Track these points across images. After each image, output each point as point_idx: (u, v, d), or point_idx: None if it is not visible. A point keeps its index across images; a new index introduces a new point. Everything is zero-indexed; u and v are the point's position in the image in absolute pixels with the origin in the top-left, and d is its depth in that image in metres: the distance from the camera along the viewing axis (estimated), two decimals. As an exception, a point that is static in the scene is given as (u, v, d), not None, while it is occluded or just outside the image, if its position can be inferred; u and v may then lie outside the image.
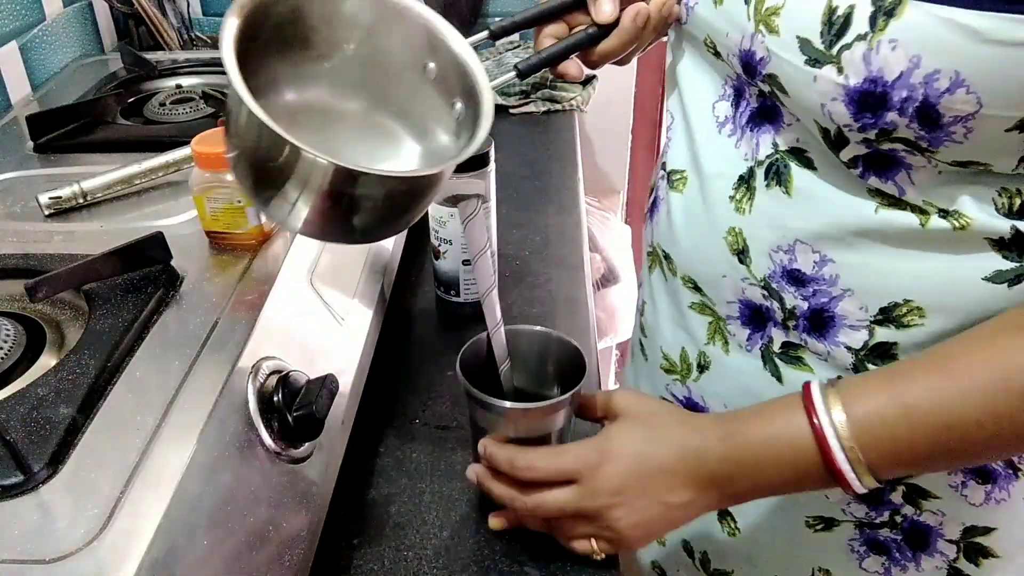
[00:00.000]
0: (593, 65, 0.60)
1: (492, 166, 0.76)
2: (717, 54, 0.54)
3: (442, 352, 0.77)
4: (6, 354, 0.51)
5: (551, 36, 0.58)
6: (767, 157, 0.52)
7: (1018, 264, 0.47)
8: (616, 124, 1.62)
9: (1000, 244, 0.47)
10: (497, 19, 1.37)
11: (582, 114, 1.28)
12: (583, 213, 1.01)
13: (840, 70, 0.44)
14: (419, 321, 0.82)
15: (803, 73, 0.46)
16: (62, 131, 0.79)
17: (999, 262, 0.48)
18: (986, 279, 0.48)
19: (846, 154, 0.47)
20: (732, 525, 0.65)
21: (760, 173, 0.53)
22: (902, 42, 0.41)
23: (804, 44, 0.45)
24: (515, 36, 1.39)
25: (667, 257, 0.63)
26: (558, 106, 1.27)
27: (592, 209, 1.50)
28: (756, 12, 0.48)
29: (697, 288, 0.60)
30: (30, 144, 0.78)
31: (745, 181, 0.54)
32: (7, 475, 0.40)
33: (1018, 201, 0.46)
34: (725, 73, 0.55)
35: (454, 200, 0.76)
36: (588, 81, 1.31)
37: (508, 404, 0.55)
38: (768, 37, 0.47)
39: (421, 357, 0.77)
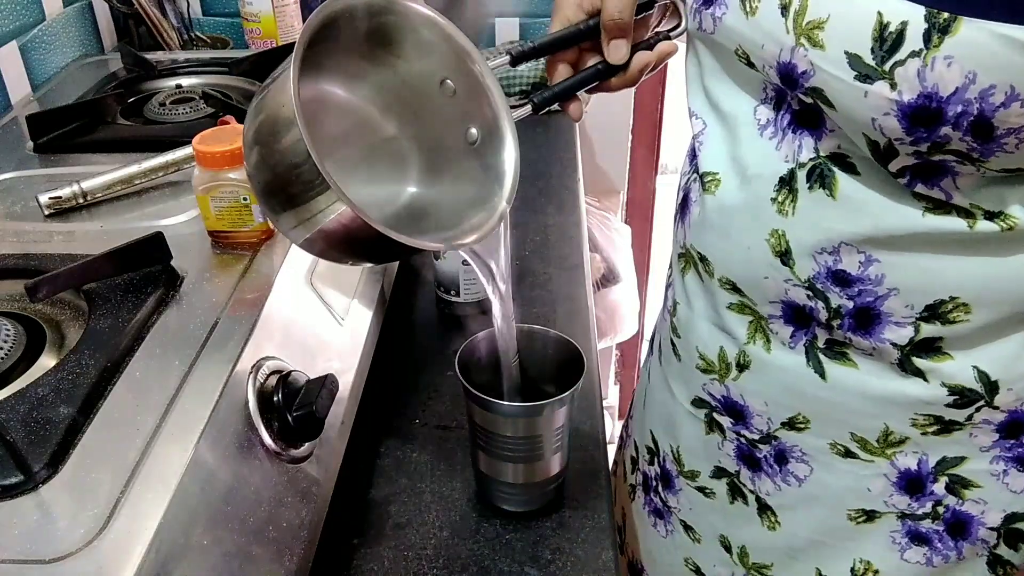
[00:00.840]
0: (593, 91, 0.61)
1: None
2: (751, 64, 0.53)
3: (442, 352, 0.77)
4: (6, 354, 0.51)
5: (564, 64, 0.59)
6: (809, 160, 0.52)
7: None
8: (616, 124, 1.62)
9: None
10: (498, 18, 1.37)
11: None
12: (583, 213, 1.01)
13: (893, 86, 0.44)
14: (419, 321, 0.82)
15: (853, 88, 0.45)
16: (62, 131, 0.79)
17: None
18: None
19: (894, 165, 0.47)
20: (772, 519, 0.66)
21: (802, 175, 0.53)
22: (957, 58, 0.41)
23: (854, 60, 0.45)
24: (515, 36, 1.39)
25: (702, 259, 0.62)
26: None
27: (592, 209, 1.50)
28: (796, 25, 0.47)
29: (736, 289, 0.60)
30: (30, 144, 0.78)
31: (786, 183, 0.54)
32: (7, 475, 0.40)
33: None
34: (762, 79, 0.54)
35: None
36: (588, 81, 1.31)
37: (507, 404, 0.55)
38: (812, 51, 0.47)
39: (421, 357, 0.77)
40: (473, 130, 0.53)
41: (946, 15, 0.41)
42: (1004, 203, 0.47)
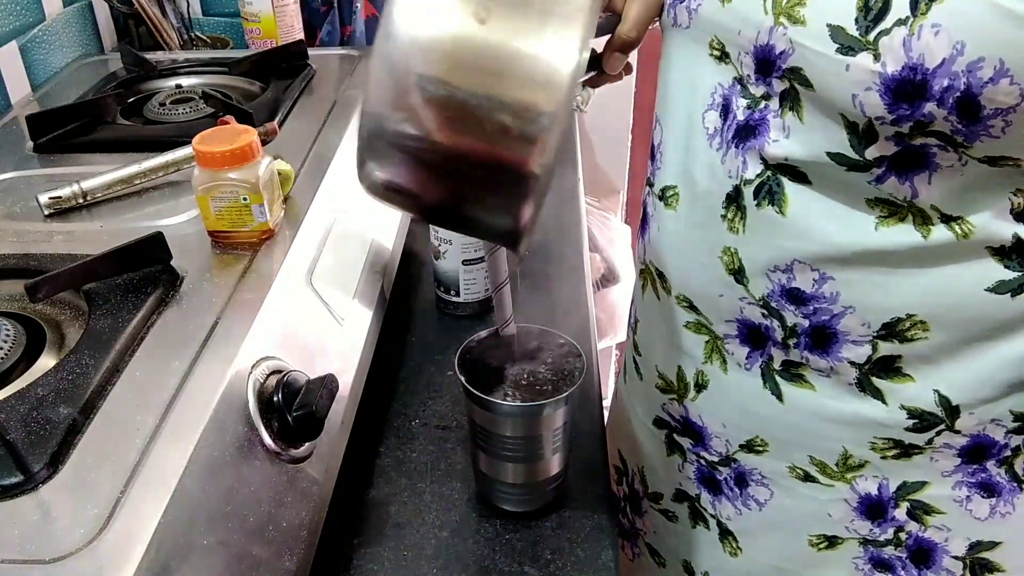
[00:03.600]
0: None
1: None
2: (723, 56, 0.52)
3: (442, 352, 0.77)
4: (6, 354, 0.50)
5: None
6: (756, 176, 0.51)
7: (1020, 273, 0.47)
8: (616, 124, 1.62)
9: (1001, 253, 0.47)
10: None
11: (582, 114, 1.28)
12: (583, 213, 1.01)
13: (877, 57, 0.42)
14: (419, 321, 0.82)
15: (834, 62, 0.43)
16: (62, 131, 0.79)
17: (1001, 272, 0.47)
18: (989, 290, 0.48)
19: (872, 152, 0.45)
20: (733, 545, 0.65)
21: (748, 192, 0.52)
22: (945, 27, 0.39)
23: (836, 32, 0.43)
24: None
25: (660, 275, 0.62)
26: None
27: (592, 209, 1.50)
28: (775, 4, 0.46)
29: (693, 307, 0.59)
30: (30, 144, 0.78)
31: (733, 200, 0.53)
32: (7, 475, 0.40)
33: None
34: (717, 81, 0.53)
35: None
36: (588, 81, 1.30)
37: (507, 403, 0.55)
38: (792, 28, 0.45)
39: (421, 357, 0.77)
40: None
41: None
42: (966, 208, 0.46)
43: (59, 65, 1.01)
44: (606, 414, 0.74)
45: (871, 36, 0.42)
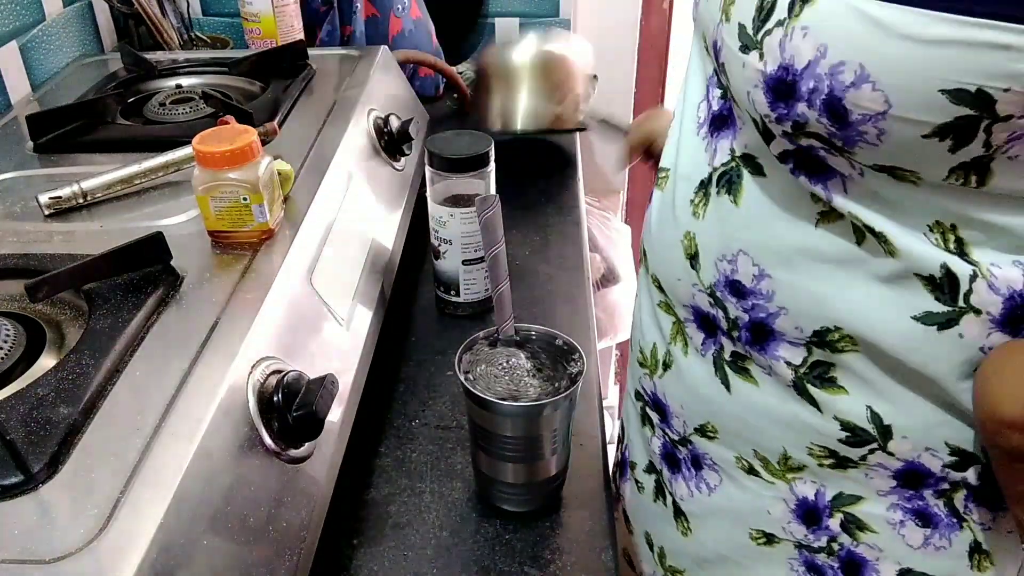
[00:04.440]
0: None
1: (492, 166, 0.76)
2: (707, 48, 0.54)
3: (442, 352, 0.77)
4: (6, 354, 0.50)
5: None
6: (723, 164, 0.52)
7: (950, 308, 0.45)
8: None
9: (931, 283, 0.45)
10: (497, 18, 1.37)
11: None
12: (583, 213, 1.01)
13: (761, 56, 0.43)
14: (419, 321, 0.82)
15: (737, 59, 0.45)
16: (62, 131, 0.79)
17: (931, 303, 0.46)
18: (915, 318, 0.46)
19: (775, 148, 0.47)
20: (685, 525, 0.66)
21: (715, 180, 0.53)
22: (812, 30, 0.40)
23: (741, 30, 0.45)
24: (515, 37, 1.39)
25: (644, 255, 0.64)
26: (558, 106, 1.27)
27: (592, 209, 1.50)
28: (723, 3, 0.48)
29: (661, 288, 0.61)
30: (30, 144, 0.78)
31: (704, 186, 0.54)
32: (7, 475, 0.40)
33: (952, 237, 0.44)
34: (707, 72, 0.55)
35: (455, 200, 0.76)
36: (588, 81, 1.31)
37: (507, 403, 0.55)
38: (724, 25, 0.47)
39: (421, 357, 0.77)
40: None
41: None
42: (885, 225, 0.45)
43: (59, 65, 1.01)
44: (606, 414, 0.75)
45: (759, 36, 0.43)
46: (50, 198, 0.65)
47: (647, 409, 0.67)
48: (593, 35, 1.45)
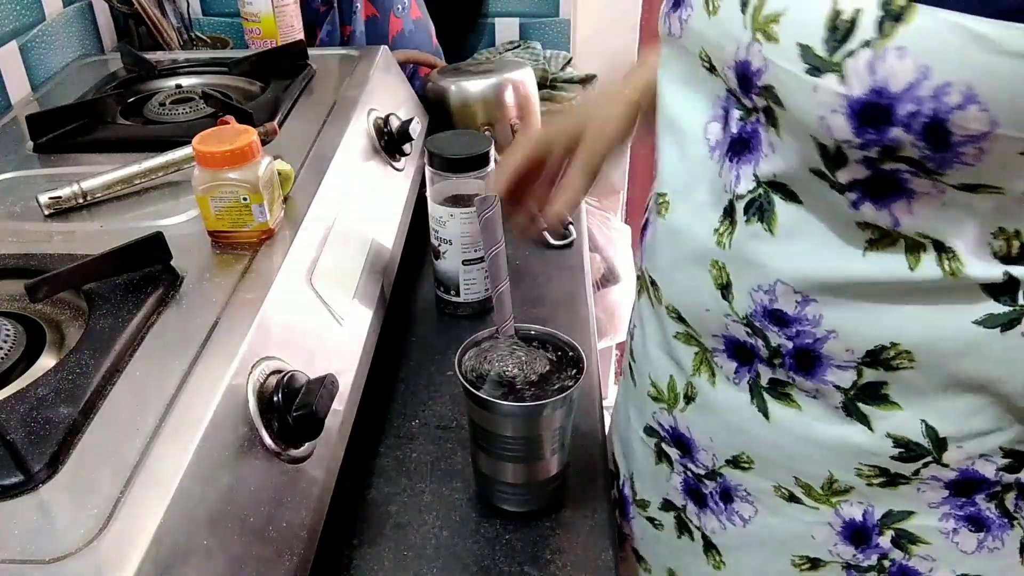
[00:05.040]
0: None
1: (492, 166, 0.76)
2: (712, 68, 0.51)
3: (442, 352, 0.77)
4: (6, 354, 0.50)
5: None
6: (748, 192, 0.50)
7: (1012, 308, 0.45)
8: (616, 124, 1.62)
9: (992, 289, 0.45)
10: (497, 18, 1.37)
11: (582, 114, 1.28)
12: (583, 213, 1.01)
13: (843, 79, 0.40)
14: (419, 321, 0.82)
15: (803, 83, 0.42)
16: (62, 131, 0.79)
17: (991, 305, 0.45)
18: (977, 323, 0.46)
19: (844, 175, 0.44)
20: (717, 558, 0.64)
21: (740, 207, 0.50)
22: (911, 50, 0.38)
23: (805, 51, 0.42)
24: (515, 36, 1.39)
25: (653, 283, 0.60)
26: (558, 106, 1.27)
27: (592, 209, 1.50)
28: (754, 20, 0.45)
29: (681, 319, 0.58)
30: (30, 144, 0.78)
31: (728, 214, 0.51)
32: (7, 475, 0.40)
33: (1016, 244, 0.44)
34: (716, 92, 0.52)
35: (455, 200, 0.76)
36: (588, 81, 1.31)
37: (507, 403, 0.55)
38: (766, 45, 0.44)
39: (421, 357, 0.77)
40: None
41: (901, 2, 0.38)
42: (952, 239, 0.44)
43: (59, 65, 1.01)
44: (606, 414, 0.74)
45: (837, 57, 0.40)
46: (50, 198, 0.65)
47: (663, 445, 0.64)
48: (593, 34, 1.45)
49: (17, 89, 0.93)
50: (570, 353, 0.59)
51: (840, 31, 0.40)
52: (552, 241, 0.93)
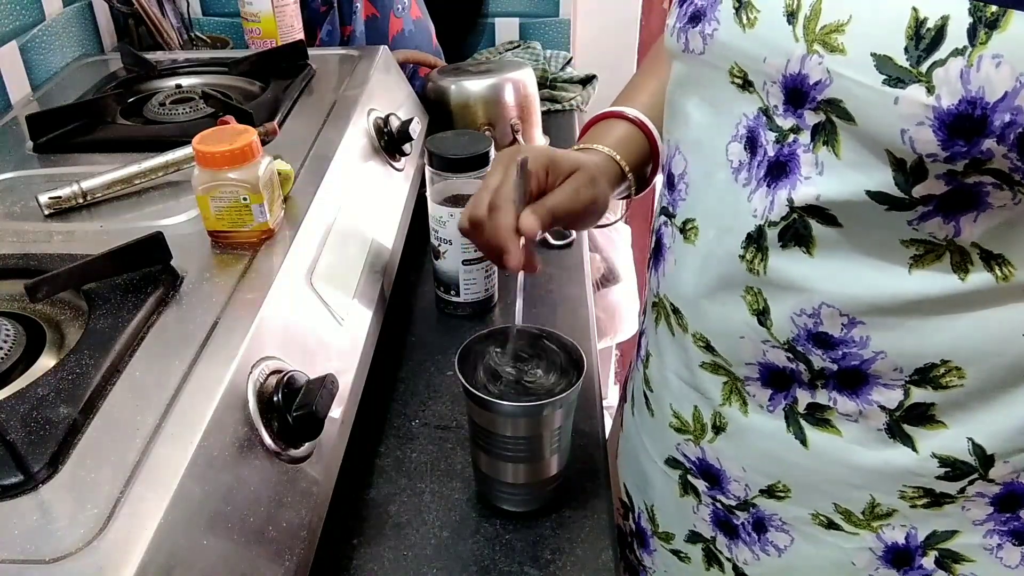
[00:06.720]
0: None
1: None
2: (746, 85, 0.48)
3: (442, 352, 0.77)
4: (6, 354, 0.50)
5: None
6: (782, 219, 0.48)
7: None
8: (616, 124, 1.62)
9: None
10: (497, 18, 1.37)
11: (582, 114, 1.28)
12: (583, 213, 1.01)
13: (931, 90, 0.38)
14: (419, 321, 0.82)
15: (880, 95, 0.40)
16: (62, 131, 0.79)
17: None
18: None
19: (920, 190, 0.42)
20: None
21: (772, 234, 0.49)
22: (1008, 58, 0.36)
23: (883, 62, 0.40)
24: (515, 36, 1.39)
25: (676, 311, 0.58)
26: (558, 106, 1.27)
27: (592, 209, 1.50)
28: (807, 31, 0.43)
29: (710, 347, 0.56)
30: (30, 144, 0.78)
31: (754, 240, 0.50)
32: (7, 475, 0.40)
33: None
34: (742, 111, 0.50)
35: (455, 200, 0.76)
36: (588, 81, 1.31)
37: (507, 403, 0.55)
38: (829, 57, 0.42)
39: (421, 357, 0.77)
40: None
41: (994, 8, 0.36)
42: (1009, 247, 0.43)
43: (59, 65, 1.01)
44: (606, 414, 0.74)
45: (923, 67, 0.38)
46: (50, 198, 0.65)
47: (689, 477, 0.63)
48: (593, 34, 1.45)
49: (17, 89, 0.92)
50: (570, 353, 0.59)
51: (926, 40, 0.38)
52: (552, 241, 0.93)
